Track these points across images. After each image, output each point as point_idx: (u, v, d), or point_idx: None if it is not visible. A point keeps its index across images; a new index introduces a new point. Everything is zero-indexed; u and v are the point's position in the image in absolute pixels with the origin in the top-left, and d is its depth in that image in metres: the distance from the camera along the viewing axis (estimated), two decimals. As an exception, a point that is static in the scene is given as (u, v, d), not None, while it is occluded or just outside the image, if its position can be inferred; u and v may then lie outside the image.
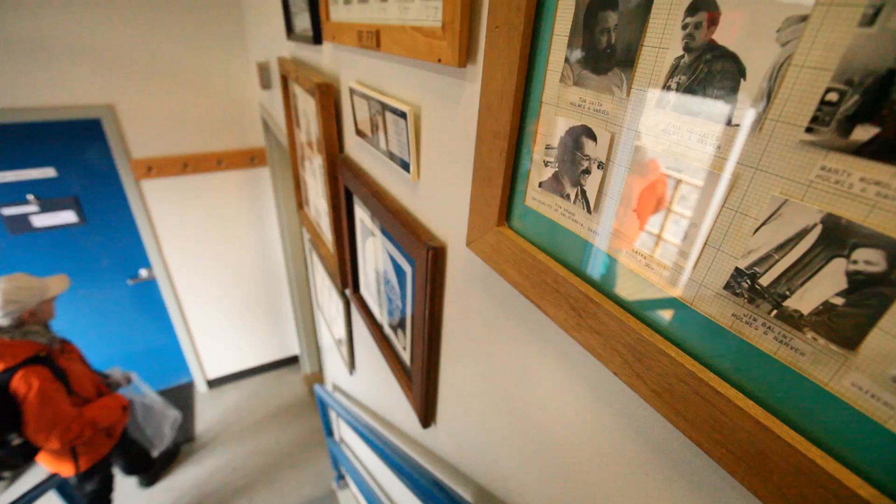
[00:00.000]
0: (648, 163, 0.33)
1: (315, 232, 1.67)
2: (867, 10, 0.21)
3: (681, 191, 0.31)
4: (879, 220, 0.22)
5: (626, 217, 0.35)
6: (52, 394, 1.64)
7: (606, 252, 0.38)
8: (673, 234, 0.32)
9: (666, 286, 0.33)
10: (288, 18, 1.43)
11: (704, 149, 0.29)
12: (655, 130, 0.31)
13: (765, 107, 0.26)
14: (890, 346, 0.23)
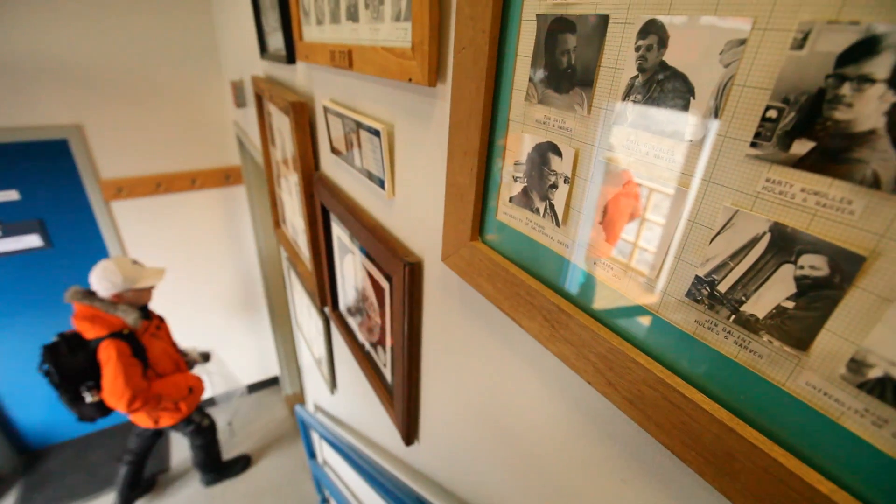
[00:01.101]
0: (611, 177, 0.34)
1: (293, 250, 1.65)
2: (797, 34, 0.23)
3: (642, 204, 0.32)
4: (820, 228, 0.24)
5: (593, 229, 0.36)
6: (125, 367, 1.89)
7: (576, 264, 0.39)
8: (637, 245, 0.33)
9: (633, 295, 0.34)
10: (261, 38, 1.44)
11: (661, 163, 0.30)
12: (616, 146, 0.33)
13: (713, 123, 0.27)
14: (838, 346, 0.24)
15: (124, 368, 1.89)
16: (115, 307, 1.97)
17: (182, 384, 2.24)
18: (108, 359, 1.87)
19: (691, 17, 0.27)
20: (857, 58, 0.21)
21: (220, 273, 3.20)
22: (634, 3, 0.29)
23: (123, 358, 1.90)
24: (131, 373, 1.92)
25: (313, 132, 1.10)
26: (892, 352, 0.22)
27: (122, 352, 1.90)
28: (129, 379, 1.91)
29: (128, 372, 1.90)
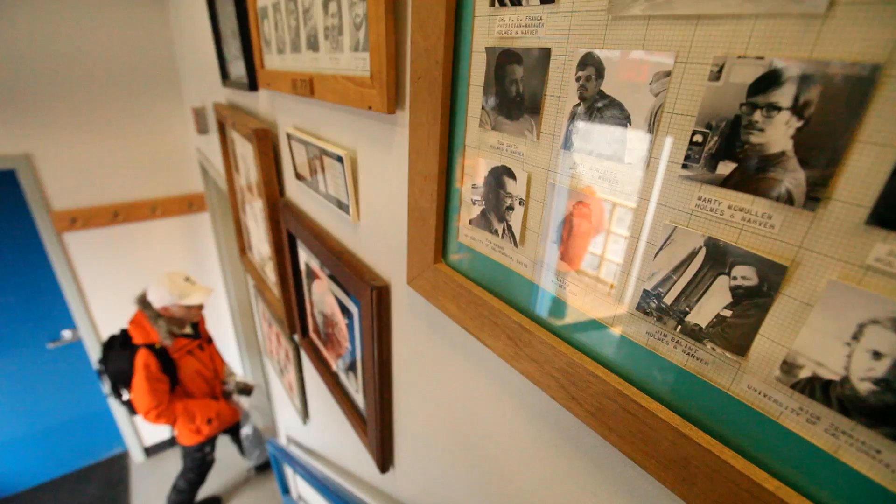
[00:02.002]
0: (562, 199, 0.36)
1: (259, 277, 1.61)
2: (713, 67, 0.25)
3: (591, 223, 0.34)
4: (748, 241, 0.26)
5: (549, 249, 0.38)
6: (148, 381, 1.96)
7: (535, 282, 0.40)
8: (589, 262, 0.35)
9: (589, 311, 0.36)
10: (223, 65, 1.43)
11: (606, 185, 0.32)
12: (564, 169, 0.35)
13: (649, 147, 0.29)
14: (771, 350, 0.26)
15: (147, 382, 1.98)
16: (157, 320, 2.03)
17: (209, 410, 2.23)
18: (138, 367, 1.98)
19: (622, 51, 0.29)
20: (764, 88, 0.24)
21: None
22: (572, 38, 0.32)
23: (147, 372, 1.98)
24: (154, 388, 2.00)
25: (277, 158, 1.09)
26: (818, 353, 0.24)
27: (148, 366, 1.97)
28: (150, 392, 1.99)
29: (150, 386, 1.98)
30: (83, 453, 3.16)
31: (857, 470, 0.24)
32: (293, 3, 0.77)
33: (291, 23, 0.80)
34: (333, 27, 0.64)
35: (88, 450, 3.19)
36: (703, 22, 0.25)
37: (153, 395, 1.99)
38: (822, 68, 0.21)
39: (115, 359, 2.03)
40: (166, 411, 2.05)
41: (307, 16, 0.72)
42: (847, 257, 0.22)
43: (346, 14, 0.60)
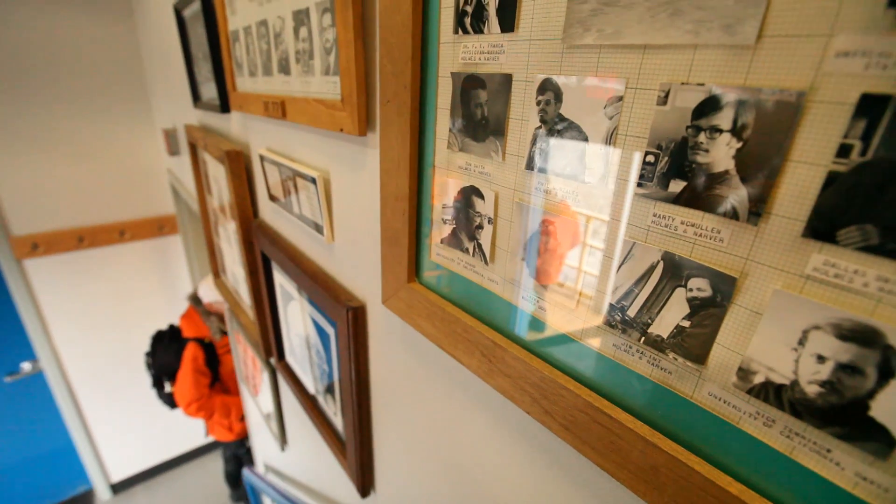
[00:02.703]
0: (529, 217, 0.37)
1: (234, 301, 1.57)
2: (660, 93, 0.27)
3: (557, 240, 0.35)
4: (700, 254, 0.27)
5: (518, 266, 0.39)
6: (193, 373, 2.04)
7: (506, 299, 0.41)
8: (556, 278, 0.36)
9: (558, 325, 0.37)
10: (194, 87, 1.42)
11: (569, 203, 0.34)
12: (530, 189, 0.36)
13: (606, 167, 0.31)
14: (727, 358, 0.27)
15: (192, 374, 2.05)
16: (209, 316, 2.10)
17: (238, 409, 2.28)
18: (186, 360, 2.06)
19: (578, 77, 0.31)
20: (706, 112, 0.25)
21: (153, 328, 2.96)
22: (531, 65, 0.33)
23: (194, 364, 2.06)
24: (197, 380, 2.08)
25: (250, 180, 1.08)
26: (769, 359, 0.26)
27: (196, 358, 2.06)
28: (193, 385, 2.06)
29: (195, 378, 2.06)
30: (45, 493, 2.97)
31: (812, 469, 0.25)
32: (264, 27, 0.77)
33: (263, 46, 0.80)
34: (304, 51, 0.65)
35: (50, 489, 3.00)
36: (649, 51, 0.27)
37: (196, 387, 2.07)
38: (756, 94, 0.23)
39: (163, 352, 2.14)
40: (206, 404, 2.13)
41: (278, 40, 0.73)
42: (788, 268, 0.24)
43: (316, 39, 0.61)
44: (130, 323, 2.84)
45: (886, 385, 0.22)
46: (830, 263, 0.23)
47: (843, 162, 0.21)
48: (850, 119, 0.21)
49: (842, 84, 0.21)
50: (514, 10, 0.33)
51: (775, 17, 0.22)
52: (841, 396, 0.23)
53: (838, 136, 0.21)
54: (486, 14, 0.35)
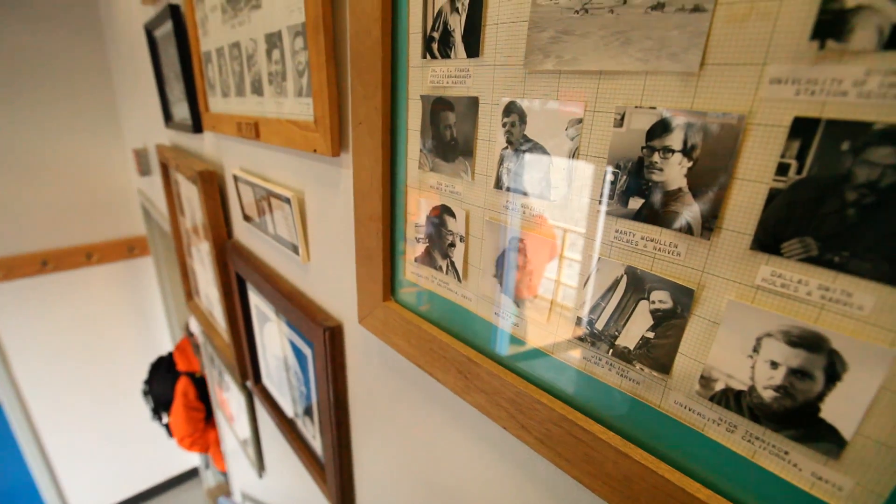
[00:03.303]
0: (499, 235, 0.38)
1: (208, 323, 1.53)
2: (616, 115, 0.28)
3: (527, 256, 0.36)
4: (660, 268, 0.29)
5: (490, 282, 0.40)
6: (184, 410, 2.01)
7: (480, 315, 0.41)
8: (527, 294, 0.37)
9: (530, 340, 0.37)
10: (166, 107, 1.40)
11: (536, 221, 0.35)
12: (498, 207, 0.37)
13: (569, 185, 0.32)
14: (690, 366, 0.29)
15: (184, 410, 2.02)
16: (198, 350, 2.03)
17: None
18: (177, 395, 2.03)
19: (541, 100, 0.32)
20: (658, 134, 0.27)
21: (125, 356, 2.85)
22: (496, 88, 0.34)
23: (185, 399, 2.02)
24: (189, 416, 2.04)
25: (224, 200, 1.07)
26: (727, 366, 0.27)
27: (186, 394, 2.02)
28: (186, 421, 2.03)
29: (187, 414, 2.03)
30: (1, 537, 2.78)
31: (772, 472, 0.26)
32: (237, 49, 0.78)
33: (235, 68, 0.80)
34: (277, 73, 0.66)
35: (8, 532, 2.81)
36: (605, 77, 0.28)
37: (189, 423, 2.04)
38: (702, 117, 0.25)
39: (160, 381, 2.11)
40: (200, 439, 2.09)
41: (251, 62, 0.73)
42: (740, 279, 0.25)
43: (289, 61, 0.62)
44: (97, 350, 2.72)
45: (833, 388, 0.23)
46: (777, 274, 0.24)
47: (782, 179, 0.23)
48: (786, 140, 0.22)
49: (776, 108, 0.22)
50: (478, 37, 0.35)
51: (715, 47, 0.24)
52: (794, 400, 0.25)
53: (776, 155, 0.23)
54: (452, 40, 0.37)
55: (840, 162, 0.21)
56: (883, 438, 0.22)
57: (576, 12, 0.29)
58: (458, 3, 0.35)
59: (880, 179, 0.20)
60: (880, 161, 0.20)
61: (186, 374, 2.06)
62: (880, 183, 0.20)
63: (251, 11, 0.69)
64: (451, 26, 0.37)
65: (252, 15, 0.69)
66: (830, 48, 0.20)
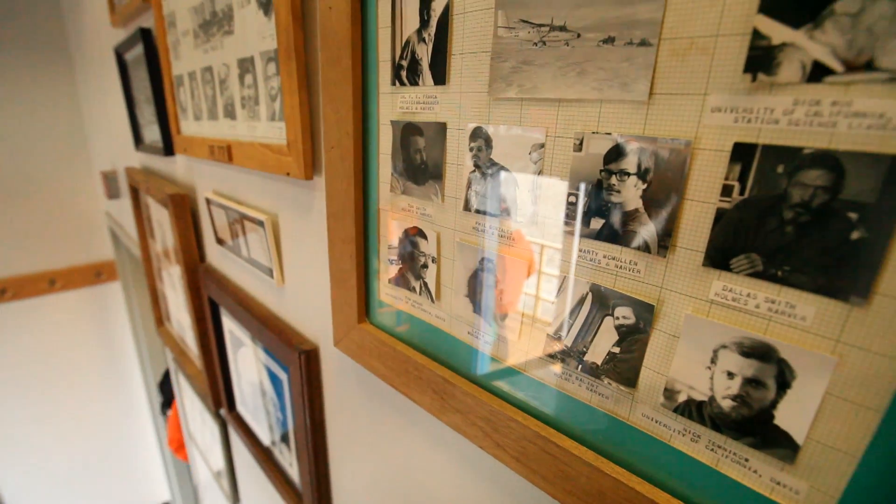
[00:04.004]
0: (469, 255, 0.38)
1: (179, 349, 1.48)
2: (575, 141, 0.30)
3: (496, 276, 0.37)
4: (623, 285, 0.30)
5: (462, 302, 0.40)
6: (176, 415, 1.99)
7: (453, 335, 0.42)
8: (498, 313, 0.38)
9: (503, 358, 0.38)
10: (136, 130, 1.38)
11: (504, 242, 0.36)
12: (468, 228, 0.38)
13: (535, 206, 0.33)
14: (654, 380, 0.30)
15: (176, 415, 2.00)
16: None
17: None
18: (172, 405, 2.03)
19: (505, 126, 0.33)
20: (615, 158, 0.28)
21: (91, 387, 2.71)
22: (463, 115, 0.36)
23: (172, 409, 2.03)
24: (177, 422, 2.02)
25: (196, 223, 1.05)
26: (688, 378, 0.28)
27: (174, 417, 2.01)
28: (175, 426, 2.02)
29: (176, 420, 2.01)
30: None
31: (735, 479, 0.27)
32: (209, 73, 0.78)
33: (208, 92, 0.80)
34: (250, 97, 0.66)
35: (-44, 585, 2.59)
36: (564, 104, 0.30)
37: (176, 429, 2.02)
38: (653, 143, 0.26)
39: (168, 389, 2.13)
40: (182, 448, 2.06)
41: (223, 86, 0.73)
42: (695, 294, 0.27)
43: (261, 86, 0.62)
44: (59, 381, 2.59)
45: (785, 395, 0.25)
46: (728, 289, 0.26)
47: (727, 200, 0.24)
48: (729, 163, 0.24)
49: (718, 134, 0.24)
50: (444, 66, 0.36)
51: (661, 78, 0.26)
52: (750, 408, 0.26)
53: (721, 177, 0.24)
54: (420, 68, 0.38)
55: (777, 183, 0.23)
56: (831, 442, 0.23)
57: (534, 44, 0.30)
58: (425, 33, 0.37)
59: (812, 199, 0.22)
60: (811, 182, 0.22)
61: None
62: (812, 203, 0.22)
63: (224, 37, 0.70)
64: (418, 55, 0.38)
65: (224, 40, 0.70)
66: (761, 80, 0.22)
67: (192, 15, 0.79)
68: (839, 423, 0.23)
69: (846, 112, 0.20)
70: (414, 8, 0.37)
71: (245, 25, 0.63)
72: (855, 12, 0.20)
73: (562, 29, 0.29)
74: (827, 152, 0.21)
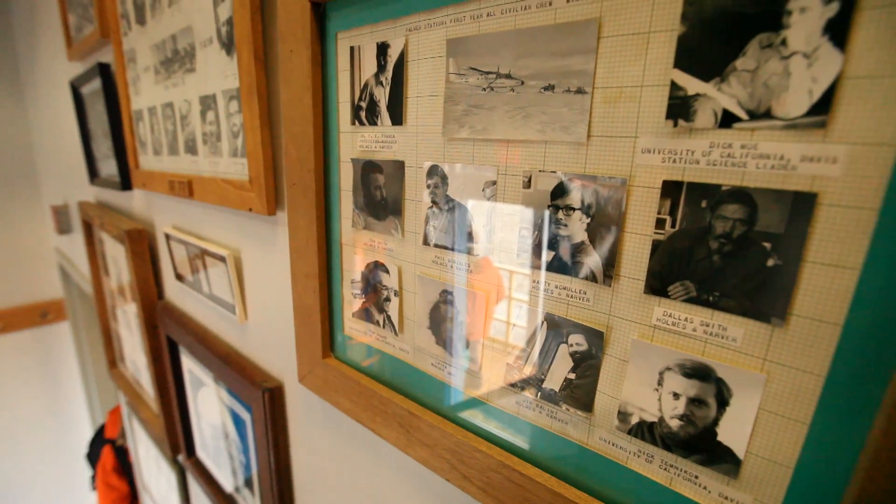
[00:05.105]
0: (430, 288, 0.39)
1: (134, 392, 1.40)
2: (524, 178, 0.32)
3: (457, 308, 0.38)
4: (574, 313, 0.31)
5: (424, 335, 0.41)
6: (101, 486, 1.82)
7: (417, 367, 0.42)
8: (459, 344, 0.38)
9: (466, 389, 0.39)
10: (91, 164, 1.34)
11: (463, 274, 0.37)
12: (427, 262, 0.39)
13: (489, 240, 0.34)
14: (608, 403, 0.31)
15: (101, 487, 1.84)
16: None
17: None
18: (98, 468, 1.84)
19: (460, 165, 0.35)
20: (560, 194, 0.30)
21: (32, 438, 2.49)
22: (420, 153, 0.37)
23: (102, 471, 1.84)
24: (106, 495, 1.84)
25: (155, 259, 1.02)
26: (639, 400, 0.29)
27: (104, 465, 1.83)
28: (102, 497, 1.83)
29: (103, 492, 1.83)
30: None
31: (688, 496, 0.28)
32: (170, 108, 0.77)
33: (168, 127, 0.80)
34: (212, 133, 0.66)
35: None
36: (512, 144, 0.32)
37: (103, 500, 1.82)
38: (593, 181, 0.29)
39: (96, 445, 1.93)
40: None
41: (185, 122, 0.73)
42: (640, 320, 0.28)
43: (223, 123, 0.62)
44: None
45: (724, 412, 0.26)
46: (668, 314, 0.27)
47: (661, 232, 0.27)
48: (660, 199, 0.26)
49: (649, 173, 0.26)
50: (401, 108, 0.38)
51: (597, 122, 0.28)
52: (695, 426, 0.27)
53: (654, 212, 0.27)
54: (378, 109, 0.40)
55: (702, 217, 0.25)
56: (768, 454, 0.25)
57: (483, 90, 0.32)
58: (382, 77, 0.39)
59: (733, 231, 0.24)
60: (731, 216, 0.24)
61: (110, 442, 1.84)
62: (733, 234, 0.24)
63: (185, 74, 0.70)
64: (376, 97, 0.40)
65: (186, 78, 0.70)
66: (682, 125, 0.25)
67: (154, 52, 0.79)
68: (773, 437, 0.25)
69: (753, 154, 0.23)
70: (371, 53, 0.39)
71: (207, 64, 0.63)
72: (753, 69, 0.23)
73: (507, 76, 0.31)
74: (741, 189, 0.24)
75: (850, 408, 0.22)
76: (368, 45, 0.40)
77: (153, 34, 0.77)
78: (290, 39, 0.44)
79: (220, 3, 0.57)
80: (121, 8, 0.88)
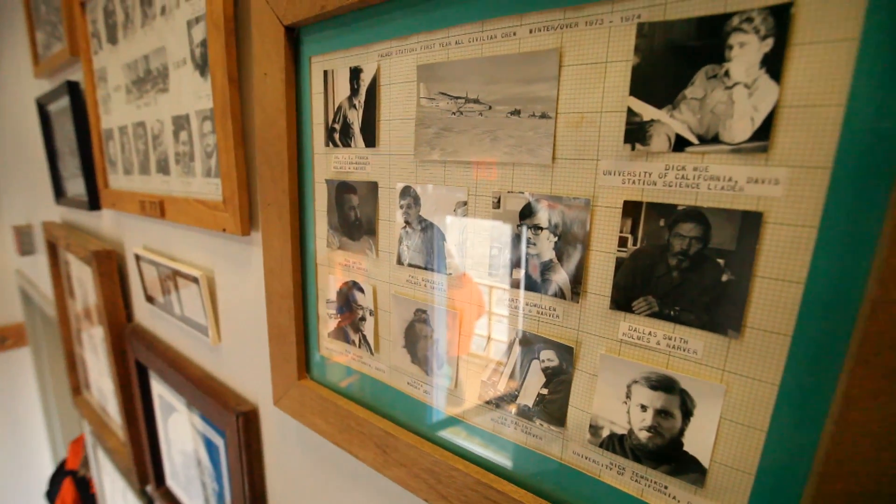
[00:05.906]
0: (404, 307, 0.40)
1: (100, 421, 1.33)
2: (493, 199, 0.33)
3: (432, 326, 0.38)
4: (545, 329, 0.32)
5: (400, 353, 0.41)
6: None
7: (393, 386, 0.42)
8: (434, 362, 0.39)
9: (442, 407, 0.39)
10: (57, 183, 1.30)
11: (437, 293, 0.37)
12: (402, 281, 0.39)
13: (462, 259, 0.35)
14: (580, 417, 0.31)
15: None
16: None
17: None
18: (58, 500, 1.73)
19: (432, 186, 0.36)
20: (528, 214, 0.31)
21: None
22: (393, 174, 0.38)
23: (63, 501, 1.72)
24: None
25: (124, 281, 0.99)
26: (609, 413, 0.30)
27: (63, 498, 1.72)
28: None
29: None
30: None
31: (658, 508, 0.29)
32: (142, 128, 0.76)
33: (140, 146, 0.78)
34: (185, 153, 0.65)
35: None
36: (482, 166, 0.33)
37: None
38: (559, 201, 0.30)
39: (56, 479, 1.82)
40: None
41: (157, 141, 0.72)
42: (607, 335, 0.29)
43: (197, 143, 0.62)
44: (-52, 470, 2.21)
45: (689, 423, 0.27)
46: (633, 329, 0.28)
47: (623, 250, 0.28)
48: (622, 218, 0.28)
49: (611, 193, 0.28)
50: (374, 130, 0.38)
51: (561, 145, 0.29)
52: (663, 437, 0.28)
53: (616, 231, 0.28)
54: (351, 131, 0.40)
55: (661, 235, 0.26)
56: (730, 462, 0.26)
57: (453, 113, 0.34)
58: (355, 100, 0.40)
59: (689, 248, 0.26)
60: (687, 234, 0.26)
61: (70, 474, 1.74)
62: (690, 251, 0.26)
63: (158, 94, 0.70)
64: (350, 119, 0.40)
65: (159, 97, 0.70)
66: (639, 149, 0.26)
67: (126, 71, 0.78)
68: (735, 445, 0.26)
69: (705, 176, 0.25)
70: (345, 77, 0.40)
71: (181, 84, 0.63)
72: (701, 97, 0.24)
73: (476, 101, 0.32)
74: (695, 208, 0.25)
75: (802, 415, 0.23)
76: (342, 69, 0.40)
77: (125, 54, 0.77)
78: (265, 62, 0.45)
79: (193, 25, 0.58)
80: (91, 27, 0.87)
